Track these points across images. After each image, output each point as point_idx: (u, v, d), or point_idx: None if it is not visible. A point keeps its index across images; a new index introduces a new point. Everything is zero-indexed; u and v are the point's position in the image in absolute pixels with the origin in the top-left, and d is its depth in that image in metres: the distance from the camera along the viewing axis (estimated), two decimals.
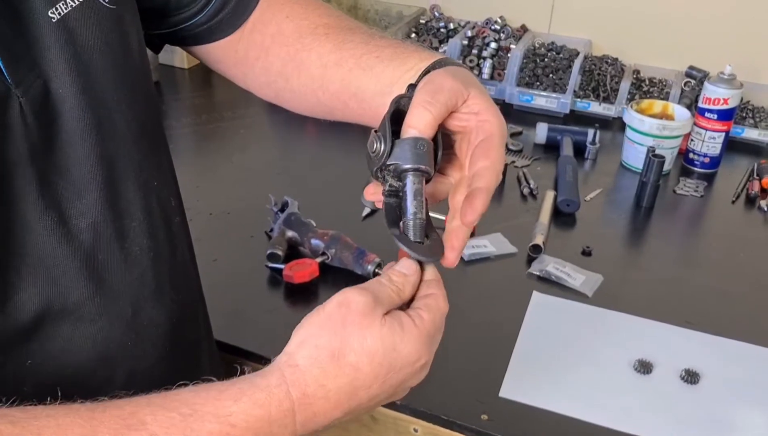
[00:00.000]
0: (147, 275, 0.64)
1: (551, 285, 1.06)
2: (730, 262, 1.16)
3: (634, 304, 1.03)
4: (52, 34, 0.53)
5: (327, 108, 0.74)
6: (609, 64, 1.68)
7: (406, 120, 0.57)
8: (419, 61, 0.65)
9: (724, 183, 1.40)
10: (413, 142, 0.56)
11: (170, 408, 0.48)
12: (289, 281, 1.02)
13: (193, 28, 0.72)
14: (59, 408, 0.47)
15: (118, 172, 0.60)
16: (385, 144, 0.56)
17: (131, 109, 0.61)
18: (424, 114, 0.56)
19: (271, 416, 0.49)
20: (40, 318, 0.55)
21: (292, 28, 0.73)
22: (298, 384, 0.50)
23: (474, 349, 0.94)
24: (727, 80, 1.37)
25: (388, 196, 0.59)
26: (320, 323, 0.52)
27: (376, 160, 0.57)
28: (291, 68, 0.72)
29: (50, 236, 0.54)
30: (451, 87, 0.57)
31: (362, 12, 1.97)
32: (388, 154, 0.56)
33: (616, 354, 0.93)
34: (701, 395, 0.88)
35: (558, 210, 1.24)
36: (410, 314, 0.54)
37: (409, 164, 0.56)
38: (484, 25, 1.78)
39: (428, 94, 0.57)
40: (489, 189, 0.57)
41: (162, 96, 1.65)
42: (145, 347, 0.65)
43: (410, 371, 0.53)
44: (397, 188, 0.58)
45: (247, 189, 1.29)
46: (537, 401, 0.85)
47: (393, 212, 0.58)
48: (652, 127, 1.36)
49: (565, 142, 1.44)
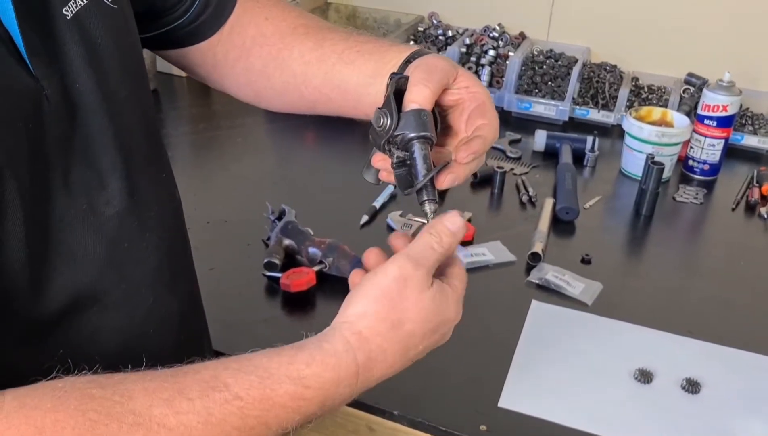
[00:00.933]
0: (163, 264, 0.67)
1: (550, 293, 1.05)
2: (731, 270, 1.15)
3: (634, 312, 1.02)
4: (68, 31, 0.55)
5: (309, 103, 0.78)
6: (608, 72, 1.68)
7: (407, 96, 0.62)
8: (398, 53, 0.70)
9: (724, 190, 1.39)
10: (416, 114, 0.62)
11: (248, 371, 0.52)
12: (286, 289, 1.01)
13: (175, 31, 0.74)
14: (143, 374, 0.50)
15: (134, 164, 0.62)
16: (391, 118, 0.62)
17: (138, 104, 0.64)
18: (424, 90, 0.62)
19: (339, 378, 0.55)
20: (71, 306, 0.57)
21: (272, 30, 0.76)
22: (363, 350, 0.56)
23: (472, 358, 0.93)
24: (726, 87, 1.36)
25: (397, 168, 0.64)
26: (378, 296, 0.57)
27: (383, 133, 0.63)
28: (273, 67, 0.75)
29: (80, 224, 0.56)
30: (443, 66, 0.64)
31: (360, 20, 1.97)
32: (395, 126, 0.62)
33: (617, 363, 0.92)
34: (702, 405, 0.87)
35: (557, 218, 1.24)
36: (449, 283, 0.61)
37: (415, 133, 0.61)
38: (483, 33, 1.77)
39: (425, 73, 0.63)
40: (486, 139, 0.64)
41: (160, 104, 1.65)
42: (164, 335, 0.68)
43: (447, 328, 0.62)
44: (404, 158, 0.63)
45: (244, 197, 1.28)
46: (537, 412, 0.84)
47: (405, 180, 0.64)
48: (651, 134, 1.36)
49: (564, 150, 1.44)
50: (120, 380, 0.49)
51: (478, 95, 0.65)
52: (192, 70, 0.81)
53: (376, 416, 0.85)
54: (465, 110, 0.66)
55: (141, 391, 0.48)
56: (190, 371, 0.52)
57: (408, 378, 0.88)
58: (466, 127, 0.65)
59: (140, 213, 0.63)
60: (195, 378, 0.51)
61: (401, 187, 0.64)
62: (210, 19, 0.75)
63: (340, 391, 0.55)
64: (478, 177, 1.35)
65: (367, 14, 1.95)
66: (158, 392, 0.49)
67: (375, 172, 0.69)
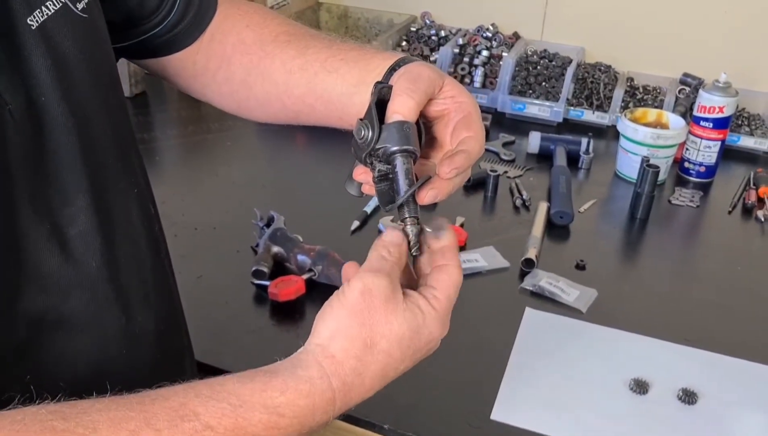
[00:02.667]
0: (134, 282, 0.65)
1: (544, 301, 1.03)
2: (728, 275, 1.13)
3: (629, 320, 1.00)
4: (32, 42, 0.52)
5: (292, 113, 0.76)
6: (602, 72, 1.66)
7: (390, 107, 0.59)
8: (382, 61, 0.68)
9: (721, 193, 1.37)
10: (399, 126, 0.58)
11: (219, 399, 0.50)
12: (274, 298, 0.99)
13: (153, 40, 0.72)
14: (108, 401, 0.48)
15: (102, 179, 0.60)
16: (373, 130, 0.59)
17: (108, 116, 0.61)
18: (408, 100, 0.59)
19: (315, 405, 0.52)
20: (38, 329, 0.55)
21: (253, 37, 0.74)
22: (338, 374, 0.53)
23: (464, 369, 0.91)
24: (723, 88, 1.35)
25: (379, 182, 0.61)
26: (347, 314, 0.53)
27: (364, 146, 0.59)
28: (254, 76, 0.73)
29: (45, 244, 0.55)
30: (429, 76, 0.61)
31: (353, 20, 1.95)
32: (377, 139, 0.59)
33: (611, 373, 0.91)
34: (699, 416, 0.85)
35: (551, 222, 1.22)
36: (426, 295, 0.57)
37: (398, 146, 0.58)
38: (476, 33, 1.75)
39: (409, 82, 0.60)
40: (471, 154, 0.60)
41: (148, 107, 1.62)
42: (138, 355, 0.66)
43: (431, 346, 0.58)
44: (386, 172, 0.60)
45: (233, 203, 1.26)
46: (530, 424, 0.82)
47: (386, 195, 0.61)
48: (647, 136, 1.34)
49: (559, 152, 1.42)
50: (84, 410, 0.46)
51: (464, 105, 0.62)
52: (173, 80, 0.79)
53: (367, 430, 0.83)
54: (450, 121, 0.63)
55: (106, 422, 0.46)
56: (159, 398, 0.49)
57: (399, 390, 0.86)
58: (452, 139, 0.62)
59: (108, 231, 0.61)
60: (163, 406, 0.48)
61: (382, 202, 0.61)
62: (189, 27, 0.73)
63: (316, 418, 0.52)
64: (471, 181, 1.33)
65: (359, 14, 1.93)
66: (124, 423, 0.46)
67: (358, 186, 0.66)
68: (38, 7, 0.53)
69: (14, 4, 0.51)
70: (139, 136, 1.48)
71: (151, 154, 1.43)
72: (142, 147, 1.43)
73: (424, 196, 0.59)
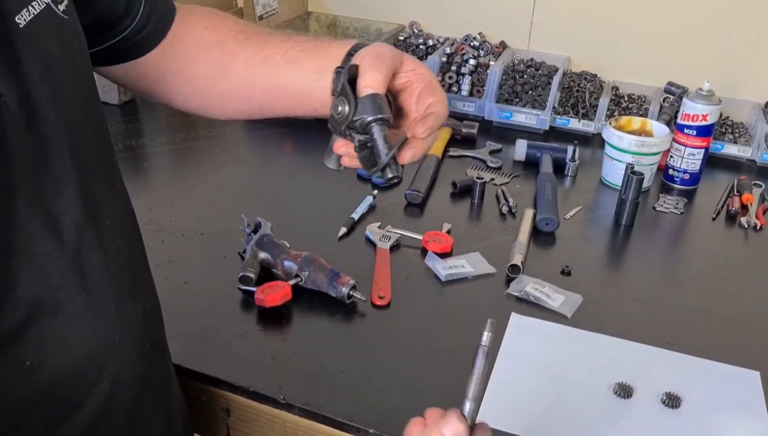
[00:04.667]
0: (124, 273, 0.67)
1: (530, 306, 1.04)
2: (711, 281, 1.15)
3: (614, 325, 1.01)
4: (21, 40, 0.54)
5: (257, 106, 0.81)
6: (588, 81, 1.67)
7: (361, 82, 0.67)
8: (338, 48, 0.75)
9: (705, 200, 1.39)
10: (372, 98, 0.67)
11: None
12: (261, 304, 1.00)
13: (120, 44, 0.75)
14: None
15: (89, 172, 0.62)
16: (350, 105, 0.66)
17: (90, 116, 0.64)
18: (376, 75, 0.67)
19: None
20: (33, 316, 0.56)
21: (214, 37, 0.79)
22: None
23: (450, 374, 0.91)
24: (706, 96, 1.36)
25: (360, 151, 0.69)
26: None
27: (342, 120, 0.67)
28: (217, 73, 0.77)
29: (42, 232, 0.56)
30: (391, 53, 0.70)
31: (341, 28, 1.96)
32: (354, 112, 0.66)
33: (596, 378, 0.91)
34: (683, 420, 0.86)
35: (537, 229, 1.23)
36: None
37: (373, 116, 0.66)
38: (463, 42, 1.77)
39: (374, 59, 0.68)
40: (439, 115, 0.70)
41: (137, 114, 1.62)
42: (128, 343, 0.68)
43: None
44: (365, 141, 0.68)
45: (221, 209, 1.26)
46: (516, 429, 0.83)
47: (369, 161, 0.69)
48: (631, 143, 1.35)
49: (545, 159, 1.43)
50: None
51: (424, 76, 0.71)
52: (134, 85, 0.82)
53: (350, 434, 0.83)
54: (414, 91, 0.71)
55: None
56: None
57: (383, 395, 0.86)
58: (417, 106, 0.71)
59: (97, 222, 0.63)
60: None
61: (366, 167, 0.69)
62: (153, 31, 0.77)
63: None
64: (458, 187, 1.34)
65: (347, 23, 1.94)
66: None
67: (337, 159, 0.72)
68: (25, 6, 0.54)
69: (3, 2, 0.52)
70: (128, 143, 1.49)
71: (140, 161, 1.43)
72: (131, 154, 1.45)
73: (404, 156, 0.68)
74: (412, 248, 1.16)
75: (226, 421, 0.89)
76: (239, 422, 0.89)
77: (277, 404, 0.85)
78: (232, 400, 0.88)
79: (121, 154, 1.42)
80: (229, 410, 0.88)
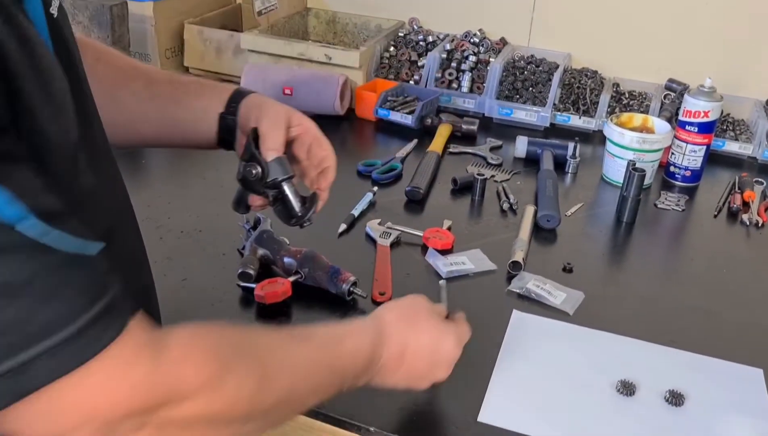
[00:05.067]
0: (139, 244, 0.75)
1: (531, 303, 1.03)
2: (714, 278, 1.14)
3: (616, 322, 1.00)
4: (56, 27, 0.57)
5: (150, 139, 0.90)
6: (588, 77, 1.67)
7: (264, 144, 0.81)
8: (220, 93, 0.86)
9: (706, 197, 1.38)
10: (279, 160, 0.81)
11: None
12: (260, 301, 0.99)
13: None
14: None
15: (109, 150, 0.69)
16: (263, 169, 0.81)
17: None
18: (278, 138, 0.81)
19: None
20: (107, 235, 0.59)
21: (103, 69, 0.83)
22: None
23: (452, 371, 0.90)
24: (708, 93, 1.35)
25: (275, 204, 0.85)
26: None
27: (257, 182, 0.82)
28: (108, 104, 0.79)
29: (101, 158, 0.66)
30: (283, 111, 0.83)
31: (341, 25, 1.95)
32: (267, 175, 0.81)
33: (599, 375, 0.90)
34: (686, 418, 0.85)
35: (538, 225, 1.22)
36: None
37: (283, 176, 0.82)
38: (463, 38, 1.76)
39: (272, 122, 0.82)
40: (333, 166, 0.88)
41: None
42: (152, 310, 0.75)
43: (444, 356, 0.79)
44: (276, 195, 0.83)
45: (219, 206, 1.24)
46: (518, 426, 0.82)
47: (285, 212, 0.84)
48: (633, 140, 1.34)
49: (546, 156, 1.42)
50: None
51: (311, 130, 0.86)
52: None
53: (352, 433, 0.82)
54: (303, 143, 0.86)
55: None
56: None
57: (384, 392, 0.85)
58: (308, 156, 0.87)
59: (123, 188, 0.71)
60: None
61: (283, 219, 0.85)
62: None
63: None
64: (458, 184, 1.33)
65: (347, 19, 1.93)
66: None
67: (246, 208, 0.88)
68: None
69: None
70: None
71: (138, 158, 1.42)
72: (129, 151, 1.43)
73: (318, 209, 0.86)
74: (412, 245, 1.16)
75: None
76: None
77: None
78: None
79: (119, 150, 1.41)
80: None
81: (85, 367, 0.47)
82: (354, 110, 1.64)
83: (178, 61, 1.80)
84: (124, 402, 0.49)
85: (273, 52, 1.68)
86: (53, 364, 0.46)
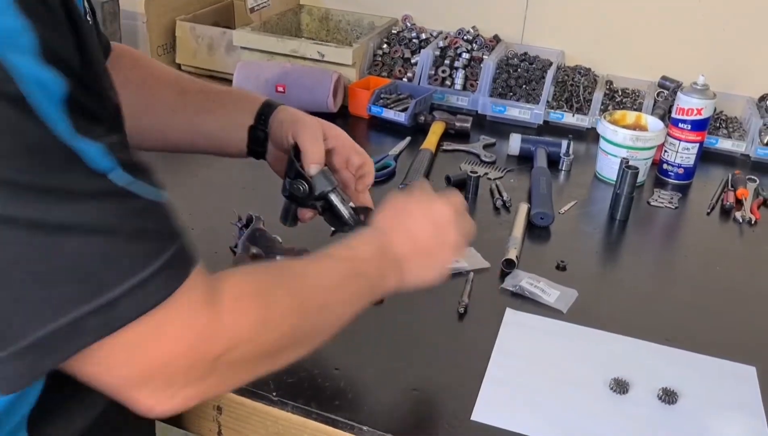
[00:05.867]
0: None
1: (525, 301, 1.03)
2: (707, 275, 1.14)
3: (609, 320, 1.00)
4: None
5: (174, 145, 0.92)
6: (582, 75, 1.67)
7: (306, 158, 0.85)
8: (251, 105, 0.90)
9: (699, 194, 1.38)
10: (323, 173, 0.86)
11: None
12: None
13: None
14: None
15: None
16: (309, 185, 0.85)
17: None
18: (318, 151, 0.85)
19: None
20: None
21: (137, 75, 0.87)
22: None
23: (445, 369, 0.90)
24: (700, 90, 1.36)
25: (324, 214, 0.88)
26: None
27: (305, 197, 0.86)
28: (139, 109, 0.83)
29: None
30: (317, 124, 0.87)
31: (334, 22, 1.94)
32: (313, 189, 0.85)
33: (592, 373, 0.90)
34: (679, 416, 0.85)
35: (532, 223, 1.22)
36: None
37: (329, 187, 0.86)
38: (457, 36, 1.76)
39: (310, 136, 0.85)
40: (372, 172, 0.93)
41: None
42: None
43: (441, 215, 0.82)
44: (325, 206, 0.87)
45: (212, 204, 1.24)
46: (511, 425, 0.82)
47: (335, 220, 0.88)
48: (626, 138, 1.34)
49: (539, 154, 1.42)
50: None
51: (346, 140, 0.91)
52: None
53: (345, 432, 0.82)
54: (340, 153, 0.90)
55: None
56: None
57: (377, 392, 0.85)
58: (347, 165, 0.91)
59: None
60: None
61: (334, 226, 0.89)
62: None
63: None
64: (451, 182, 1.33)
65: (340, 16, 1.93)
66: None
67: (295, 220, 0.92)
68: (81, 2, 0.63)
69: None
70: None
71: None
72: None
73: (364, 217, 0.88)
74: None
75: (217, 419, 0.88)
76: (231, 419, 0.88)
77: (270, 401, 0.84)
78: (223, 397, 0.86)
79: None
80: (221, 408, 0.87)
81: (162, 306, 0.52)
82: (347, 108, 1.63)
83: (170, 58, 1.80)
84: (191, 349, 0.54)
85: (265, 49, 1.68)
86: (139, 299, 0.51)
